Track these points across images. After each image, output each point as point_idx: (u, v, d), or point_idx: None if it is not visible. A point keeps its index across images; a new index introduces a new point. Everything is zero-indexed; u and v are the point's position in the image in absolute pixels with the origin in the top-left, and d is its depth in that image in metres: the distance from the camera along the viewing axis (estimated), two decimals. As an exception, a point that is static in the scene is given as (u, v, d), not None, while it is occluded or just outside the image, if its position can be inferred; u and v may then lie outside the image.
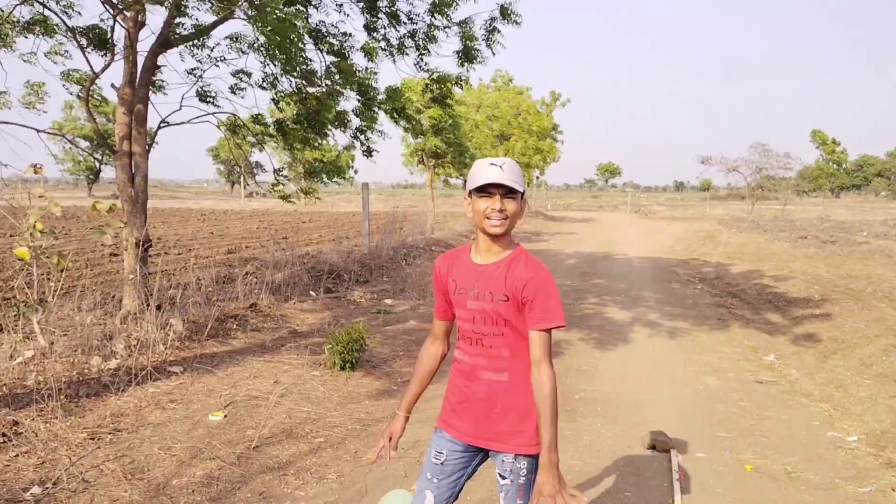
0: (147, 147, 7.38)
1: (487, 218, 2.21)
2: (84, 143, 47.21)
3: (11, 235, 14.43)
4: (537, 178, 46.79)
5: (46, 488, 3.76)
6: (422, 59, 9.17)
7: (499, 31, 8.74)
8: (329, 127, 9.54)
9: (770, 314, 9.59)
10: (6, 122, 4.61)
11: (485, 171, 2.20)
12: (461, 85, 9.89)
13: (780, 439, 4.95)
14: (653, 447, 4.67)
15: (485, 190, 2.20)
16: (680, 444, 4.75)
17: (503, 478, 2.37)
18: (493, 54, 9.03)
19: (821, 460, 4.57)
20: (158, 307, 6.73)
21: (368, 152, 10.13)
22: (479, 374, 2.35)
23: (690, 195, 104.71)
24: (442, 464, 2.42)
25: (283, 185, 9.62)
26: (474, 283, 2.31)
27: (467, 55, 8.86)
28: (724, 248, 18.85)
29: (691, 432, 5.03)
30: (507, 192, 2.20)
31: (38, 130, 6.39)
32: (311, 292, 9.82)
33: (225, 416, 5.01)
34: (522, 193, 2.25)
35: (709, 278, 13.18)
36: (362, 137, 9.92)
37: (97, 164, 50.53)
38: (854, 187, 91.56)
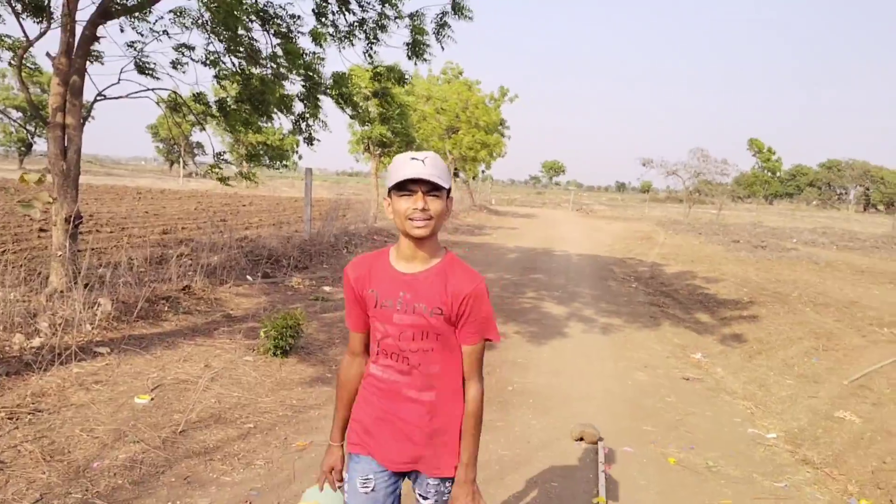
0: (81, 120, 7.14)
1: (409, 219, 1.96)
2: (16, 114, 45.33)
3: (-68, 206, 13.79)
4: (483, 172, 47.03)
5: (-41, 468, 3.61)
6: (371, 48, 9.09)
7: (449, 26, 8.72)
8: (273, 110, 9.39)
9: (700, 314, 9.86)
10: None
11: (405, 166, 1.95)
12: (404, 82, 9.85)
13: (704, 435, 5.11)
14: (581, 439, 4.77)
15: (405, 187, 1.96)
16: (608, 436, 4.86)
17: (424, 498, 2.19)
18: (443, 49, 9.00)
19: (741, 456, 4.74)
20: (87, 286, 6.52)
21: (310, 141, 10.00)
22: (403, 393, 2.11)
23: (631, 196, 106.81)
24: (372, 490, 2.15)
25: (222, 167, 9.42)
26: (400, 294, 2.05)
27: (416, 50, 8.82)
28: (660, 249, 19.31)
29: (619, 426, 5.15)
30: (431, 188, 1.96)
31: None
32: (248, 277, 9.66)
33: (152, 399, 4.89)
34: (448, 190, 2.01)
35: (644, 277, 13.48)
36: (304, 125, 9.78)
37: (29, 136, 48.55)
38: (787, 195, 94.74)
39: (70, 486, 3.56)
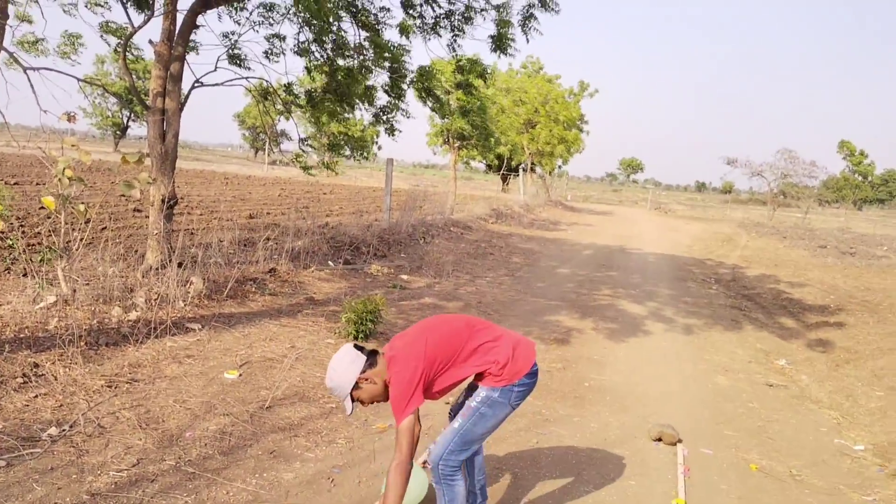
0: (180, 106, 7.44)
1: None
2: (113, 100, 47.40)
3: (38, 184, 14.60)
4: (560, 167, 46.55)
5: (63, 430, 3.85)
6: (455, 41, 9.13)
7: (535, 18, 8.67)
8: (356, 101, 9.56)
9: (784, 319, 9.56)
10: (49, 69, 4.67)
11: None
12: (486, 78, 9.85)
13: (787, 442, 4.97)
14: (659, 439, 4.71)
15: None
16: (687, 438, 4.78)
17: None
18: (528, 41, 8.99)
19: (826, 466, 4.59)
20: (180, 264, 6.81)
21: (391, 131, 10.16)
22: None
23: (711, 196, 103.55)
24: None
25: (307, 155, 9.66)
26: None
27: (500, 43, 8.81)
28: (741, 252, 18.75)
29: (698, 428, 5.07)
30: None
31: (78, 79, 6.44)
32: (330, 262, 9.89)
33: (240, 374, 5.09)
34: (358, 382, 2.83)
35: (724, 279, 13.13)
36: (386, 116, 9.94)
37: (125, 120, 50.61)
38: (878, 201, 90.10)
39: (164, 453, 3.75)
